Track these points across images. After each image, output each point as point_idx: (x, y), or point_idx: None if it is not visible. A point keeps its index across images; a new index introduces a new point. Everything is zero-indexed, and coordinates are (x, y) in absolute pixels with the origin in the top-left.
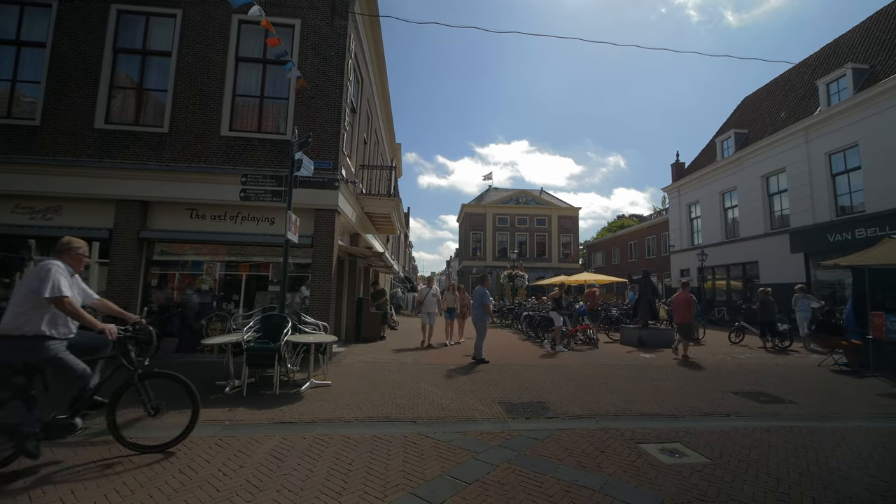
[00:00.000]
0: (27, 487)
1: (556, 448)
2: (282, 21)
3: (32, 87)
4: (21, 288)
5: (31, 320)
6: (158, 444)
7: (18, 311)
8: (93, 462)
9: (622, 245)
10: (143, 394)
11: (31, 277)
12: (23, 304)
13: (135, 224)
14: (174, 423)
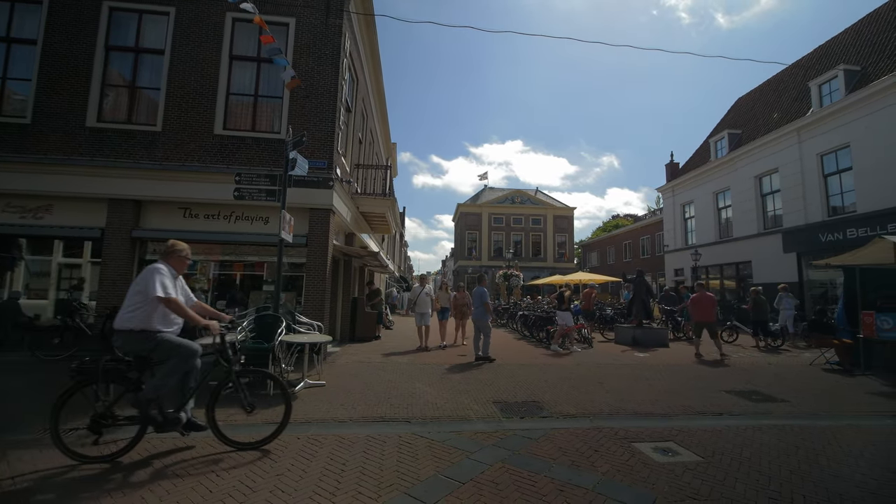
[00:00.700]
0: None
1: (551, 447)
2: (276, 19)
3: (23, 84)
4: (131, 288)
5: (141, 317)
6: (255, 441)
7: (129, 309)
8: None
9: (617, 245)
10: (240, 391)
11: (140, 279)
12: (133, 303)
13: (127, 223)
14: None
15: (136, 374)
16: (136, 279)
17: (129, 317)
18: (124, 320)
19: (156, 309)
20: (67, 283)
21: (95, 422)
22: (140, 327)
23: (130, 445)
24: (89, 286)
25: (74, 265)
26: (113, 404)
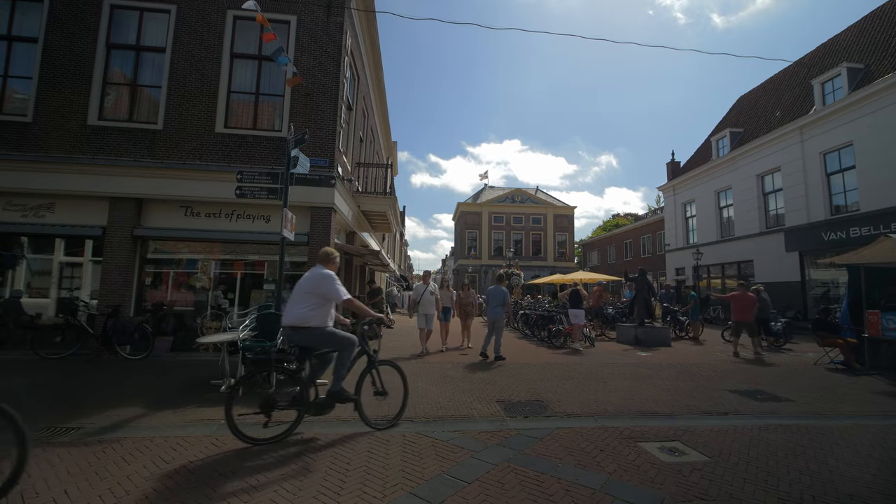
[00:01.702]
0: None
1: (556, 447)
2: (277, 17)
3: (24, 82)
4: (300, 289)
5: (314, 317)
6: (388, 422)
7: (307, 309)
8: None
9: (617, 244)
10: (376, 379)
11: (315, 283)
12: (308, 303)
13: (129, 222)
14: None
15: (296, 364)
16: (306, 283)
17: (309, 315)
18: (303, 319)
19: (330, 309)
20: (69, 282)
21: (265, 406)
22: (317, 324)
23: (292, 427)
24: (90, 285)
25: (75, 264)
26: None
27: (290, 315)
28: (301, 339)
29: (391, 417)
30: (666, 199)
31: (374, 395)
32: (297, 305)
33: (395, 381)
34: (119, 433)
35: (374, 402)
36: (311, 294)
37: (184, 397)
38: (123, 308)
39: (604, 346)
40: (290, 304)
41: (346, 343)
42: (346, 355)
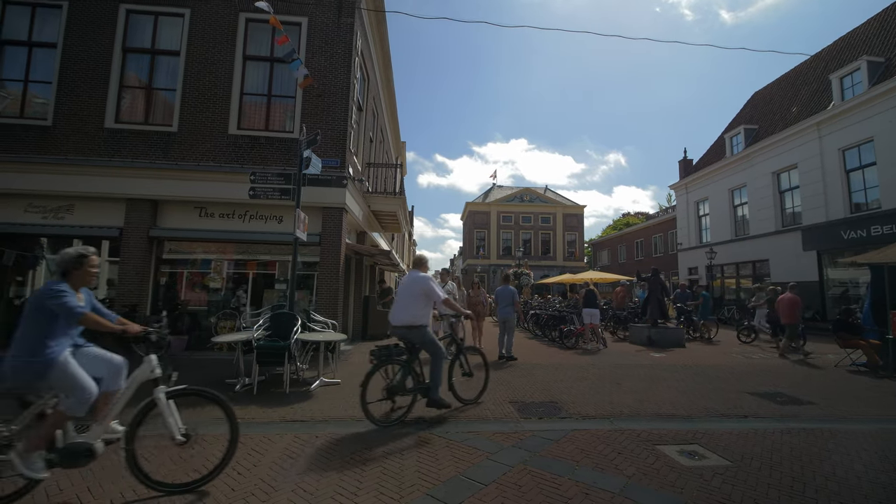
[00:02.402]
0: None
1: (572, 449)
2: (289, 19)
3: (44, 87)
4: (409, 292)
5: (423, 315)
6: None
7: (419, 308)
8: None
9: (628, 243)
10: (463, 363)
11: (421, 286)
12: (417, 304)
13: (145, 223)
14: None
15: (407, 356)
16: (413, 286)
17: (420, 315)
18: (416, 318)
19: (431, 308)
20: None
21: (390, 392)
22: (424, 323)
23: (407, 411)
24: (107, 284)
25: None
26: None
27: (403, 315)
28: (413, 336)
29: (473, 397)
30: (678, 197)
31: (462, 375)
32: (410, 307)
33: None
34: None
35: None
36: (420, 296)
37: None
38: (140, 307)
39: (616, 347)
40: (399, 306)
41: (440, 350)
42: (440, 363)
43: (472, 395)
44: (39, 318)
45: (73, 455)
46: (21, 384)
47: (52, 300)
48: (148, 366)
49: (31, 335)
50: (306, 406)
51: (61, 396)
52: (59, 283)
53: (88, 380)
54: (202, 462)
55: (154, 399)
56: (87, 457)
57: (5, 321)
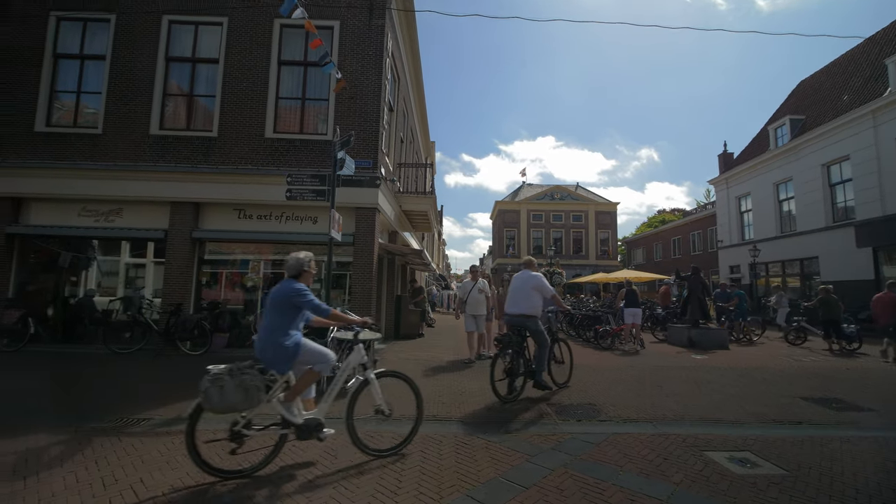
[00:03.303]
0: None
1: (614, 453)
2: (321, 23)
3: (94, 97)
4: (524, 287)
5: (537, 307)
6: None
7: (534, 301)
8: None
9: (664, 241)
10: (556, 352)
11: (536, 282)
12: (532, 297)
13: (188, 225)
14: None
15: (520, 343)
16: (529, 281)
17: (535, 306)
18: (533, 308)
19: (542, 300)
20: (133, 282)
21: (509, 374)
22: (538, 314)
23: (520, 391)
24: (152, 285)
25: (139, 265)
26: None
27: (520, 306)
28: (529, 324)
29: (564, 381)
30: (718, 193)
31: (554, 362)
32: (527, 299)
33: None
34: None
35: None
36: (535, 290)
37: None
38: (184, 306)
39: (655, 348)
40: (515, 298)
41: (546, 339)
42: (545, 351)
43: (563, 379)
44: (287, 312)
45: (309, 429)
46: (272, 363)
47: (299, 298)
48: (358, 353)
49: (281, 326)
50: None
51: (314, 364)
52: (298, 283)
53: (324, 348)
54: (399, 431)
55: (367, 379)
56: (318, 430)
57: (62, 318)
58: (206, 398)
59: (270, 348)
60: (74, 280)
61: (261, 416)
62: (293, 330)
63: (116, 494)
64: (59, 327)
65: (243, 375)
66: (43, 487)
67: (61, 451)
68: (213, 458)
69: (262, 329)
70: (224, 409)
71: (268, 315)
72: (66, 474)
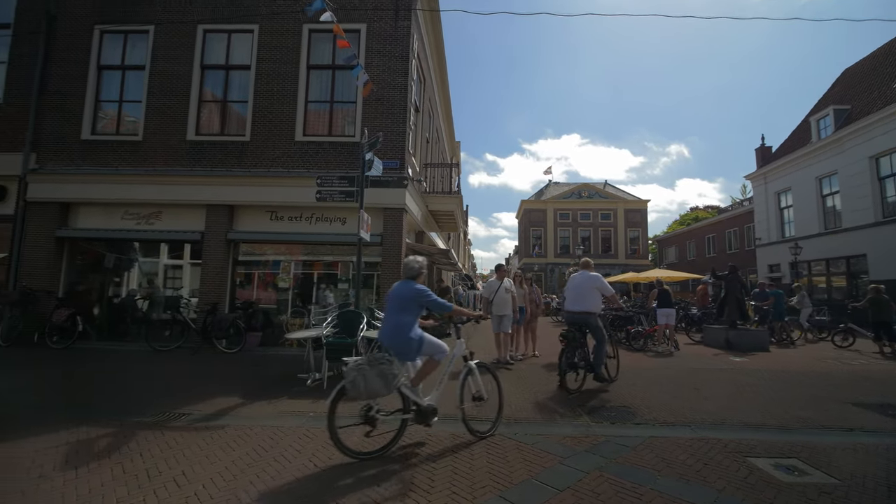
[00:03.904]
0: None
1: (651, 457)
2: (348, 27)
3: (135, 106)
4: (584, 286)
5: (597, 305)
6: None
7: (595, 299)
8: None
9: (698, 239)
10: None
11: (594, 282)
12: (593, 296)
13: (223, 227)
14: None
15: (582, 339)
16: (591, 282)
17: (595, 304)
18: (595, 306)
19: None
20: (171, 282)
21: (572, 367)
22: (598, 311)
23: (581, 385)
24: (189, 285)
25: (177, 266)
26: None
27: (582, 304)
28: (589, 321)
29: (614, 375)
30: (755, 188)
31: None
32: (589, 297)
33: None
34: (222, 420)
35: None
36: (596, 290)
37: (275, 389)
38: (219, 306)
39: (690, 350)
40: (577, 297)
41: (604, 335)
42: (603, 346)
43: (613, 373)
44: (413, 309)
45: (426, 414)
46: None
47: (426, 298)
48: (461, 346)
49: (408, 322)
50: None
51: (434, 354)
52: (420, 285)
53: (440, 341)
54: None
55: (470, 369)
56: (433, 415)
57: (108, 317)
58: (352, 386)
59: (400, 341)
60: (118, 281)
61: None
62: (417, 326)
63: (160, 486)
64: (104, 325)
65: (381, 365)
66: (93, 477)
67: (108, 444)
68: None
69: (387, 324)
70: (368, 396)
71: (393, 312)
72: (114, 465)
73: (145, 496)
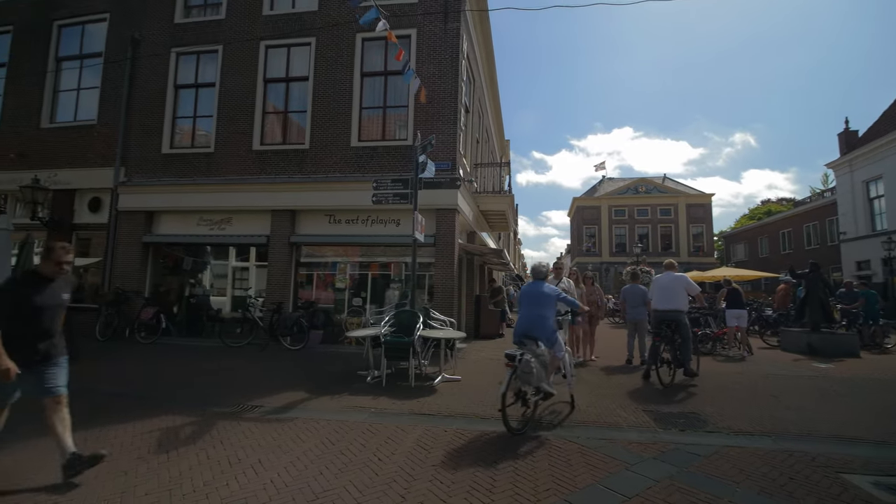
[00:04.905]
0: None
1: (727, 467)
2: (399, 33)
3: (206, 120)
4: (673, 286)
5: (685, 304)
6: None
7: (681, 298)
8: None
9: (771, 234)
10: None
11: (682, 282)
12: (681, 295)
13: (286, 231)
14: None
15: (672, 336)
16: (678, 281)
17: (684, 303)
18: (682, 305)
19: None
20: (239, 283)
21: (663, 363)
22: (686, 310)
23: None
24: (255, 284)
25: (244, 268)
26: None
27: (673, 302)
28: (679, 319)
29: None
30: (839, 178)
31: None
32: (677, 297)
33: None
34: (291, 413)
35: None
36: (682, 289)
37: (337, 385)
38: (284, 305)
39: (765, 355)
40: (666, 296)
41: (690, 332)
42: (689, 343)
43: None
44: (550, 304)
45: (550, 396)
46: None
47: (560, 295)
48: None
49: (549, 315)
50: (431, 400)
51: (557, 351)
52: (551, 285)
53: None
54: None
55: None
56: (552, 396)
57: (186, 315)
58: (524, 376)
59: (546, 330)
60: (193, 282)
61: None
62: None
63: (240, 472)
64: (183, 323)
65: (541, 357)
66: (182, 461)
67: (193, 431)
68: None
69: (526, 317)
70: (534, 382)
71: (531, 306)
72: (199, 451)
73: (228, 481)
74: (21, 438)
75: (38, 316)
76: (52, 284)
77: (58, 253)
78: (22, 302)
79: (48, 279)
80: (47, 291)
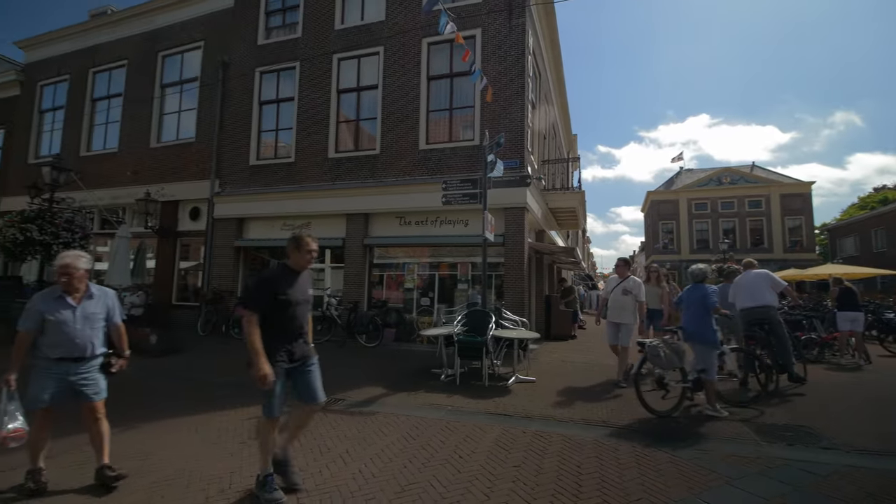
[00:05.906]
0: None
1: (851, 490)
2: (464, 33)
3: (287, 132)
4: (759, 283)
5: (774, 300)
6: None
7: (769, 295)
8: None
9: (888, 225)
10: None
11: (768, 279)
12: (769, 291)
13: (360, 233)
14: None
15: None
16: (764, 279)
17: (772, 299)
18: (772, 301)
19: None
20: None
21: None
22: (776, 305)
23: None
24: (331, 285)
25: (320, 269)
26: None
27: (760, 298)
28: (770, 315)
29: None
30: None
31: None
32: (765, 294)
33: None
34: (372, 407)
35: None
36: (768, 286)
37: (413, 382)
38: (359, 304)
39: (887, 363)
40: (753, 292)
41: (785, 330)
42: (786, 343)
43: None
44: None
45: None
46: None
47: (711, 298)
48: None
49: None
50: (506, 400)
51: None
52: (707, 286)
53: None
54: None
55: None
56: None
57: None
58: (655, 359)
59: (707, 332)
60: None
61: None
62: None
63: (330, 461)
64: None
65: (674, 344)
66: None
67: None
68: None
69: (692, 316)
70: (665, 367)
71: (695, 308)
72: None
73: (321, 469)
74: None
75: (293, 312)
76: (300, 277)
77: (307, 241)
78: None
79: (296, 272)
80: (298, 286)
